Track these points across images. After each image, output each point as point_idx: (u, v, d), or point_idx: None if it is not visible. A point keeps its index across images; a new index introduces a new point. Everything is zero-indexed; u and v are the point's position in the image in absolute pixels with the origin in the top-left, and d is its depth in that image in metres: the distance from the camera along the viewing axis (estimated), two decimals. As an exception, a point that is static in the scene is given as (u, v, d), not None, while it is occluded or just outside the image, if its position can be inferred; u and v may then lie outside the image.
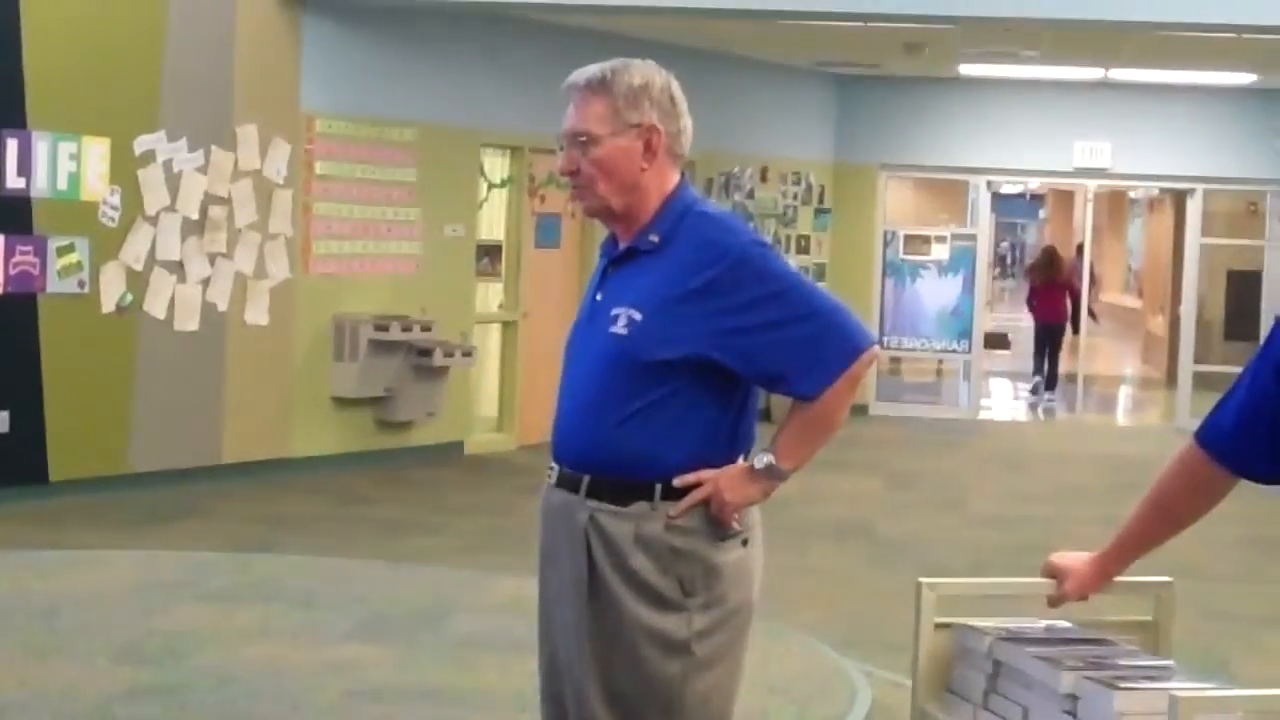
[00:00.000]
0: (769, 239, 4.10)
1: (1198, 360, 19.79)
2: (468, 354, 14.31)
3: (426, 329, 13.86)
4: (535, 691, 3.92)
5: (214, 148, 12.59)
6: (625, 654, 3.88)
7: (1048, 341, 22.31)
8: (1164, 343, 25.95)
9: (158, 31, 12.20)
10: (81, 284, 11.78)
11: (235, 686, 6.46)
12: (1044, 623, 4.14)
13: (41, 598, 7.88)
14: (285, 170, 13.14)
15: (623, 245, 4.04)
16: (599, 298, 4.04)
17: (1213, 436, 3.77)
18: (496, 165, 15.35)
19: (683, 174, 4.06)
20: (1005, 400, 23.26)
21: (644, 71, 3.99)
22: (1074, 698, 3.67)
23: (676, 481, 3.88)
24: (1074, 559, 4.16)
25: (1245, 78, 17.96)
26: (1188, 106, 19.14)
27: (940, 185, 23.83)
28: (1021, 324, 34.41)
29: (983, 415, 19.96)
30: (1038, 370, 22.34)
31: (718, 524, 3.91)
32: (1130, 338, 31.79)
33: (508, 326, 15.49)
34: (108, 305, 11.95)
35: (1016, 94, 19.26)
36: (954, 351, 19.90)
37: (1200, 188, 19.63)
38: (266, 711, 6.15)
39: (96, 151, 11.84)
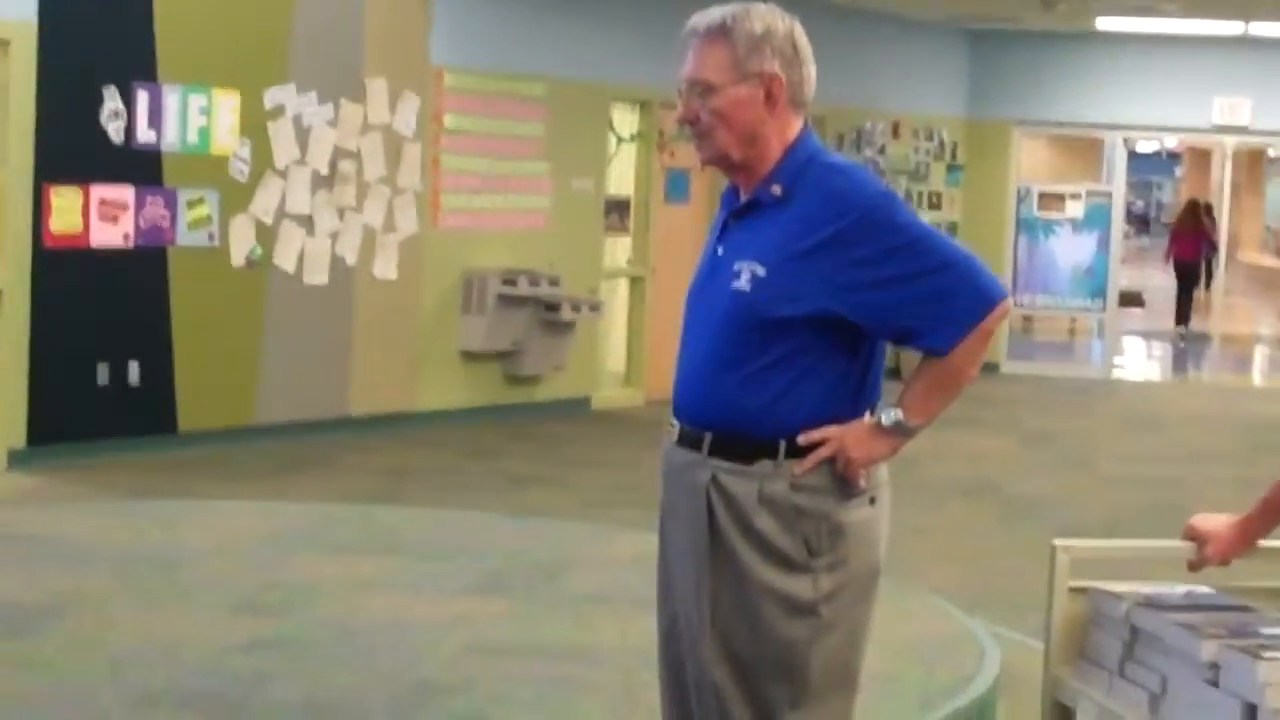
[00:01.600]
0: (897, 191, 3.93)
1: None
2: (595, 309, 14.26)
3: (554, 284, 13.82)
4: (654, 650, 3.84)
5: (343, 101, 12.60)
6: (748, 616, 3.78)
7: (1184, 278, 25.78)
8: (1304, 303, 25.52)
9: (287, -16, 12.22)
10: (211, 237, 11.82)
11: (355, 639, 6.42)
12: (1183, 588, 4.02)
13: (163, 548, 7.88)
14: (414, 124, 13.12)
15: (744, 197, 3.92)
16: (720, 251, 3.92)
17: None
18: (625, 120, 15.27)
19: (806, 123, 3.93)
20: (1140, 359, 22.96)
21: (765, 17, 3.87)
22: (1215, 666, 3.57)
23: (801, 439, 3.77)
24: (1216, 522, 4.04)
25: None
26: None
27: (1075, 142, 23.58)
28: (1155, 282, 34.07)
29: (1116, 374, 19.68)
30: (1180, 312, 25.50)
31: (844, 482, 3.80)
32: (1268, 297, 31.32)
33: (635, 282, 15.43)
34: (237, 258, 11.99)
35: (1154, 49, 18.93)
36: (1088, 310, 19.61)
37: (1343, 145, 19.21)
38: (385, 665, 6.10)
39: (227, 104, 11.87)
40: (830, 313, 3.74)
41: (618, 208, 15.17)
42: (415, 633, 6.52)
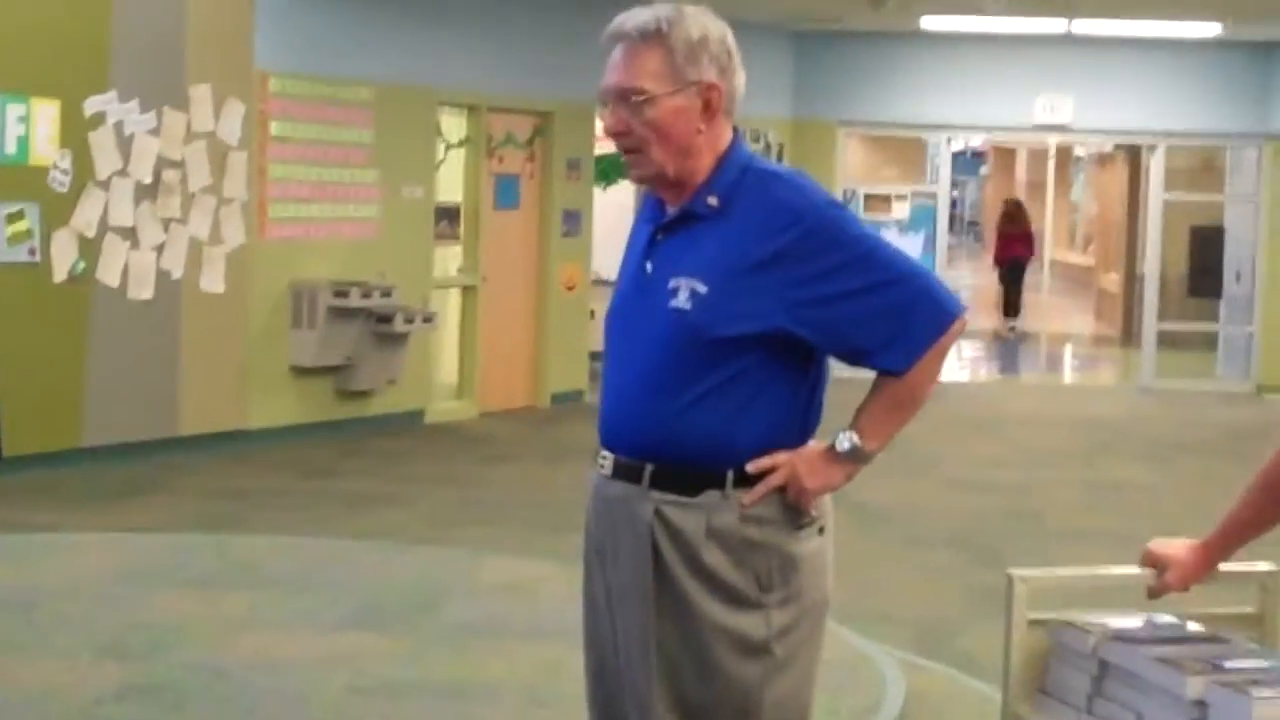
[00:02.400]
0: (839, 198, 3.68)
1: (1160, 318, 19.57)
2: (428, 319, 13.96)
3: (386, 294, 13.49)
4: (545, 684, 3.58)
5: (166, 109, 12.16)
6: (697, 658, 3.54)
7: (1013, 277, 26.84)
8: (1118, 300, 25.82)
9: (107, -12, 11.76)
10: (32, 252, 11.35)
11: (230, 682, 6.10)
12: (1141, 617, 3.83)
13: (13, 588, 7.48)
14: (240, 131, 12.72)
15: (673, 209, 3.65)
16: (649, 268, 3.64)
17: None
18: (454, 125, 14.95)
19: (735, 130, 3.69)
20: (967, 360, 23.08)
21: (700, 21, 3.61)
22: (1203, 705, 3.37)
23: (750, 467, 3.54)
24: (1175, 547, 3.87)
25: (1211, 29, 17.73)
26: (1150, 60, 18.93)
27: (896, 142, 23.62)
28: (969, 281, 34.46)
29: (945, 378, 19.69)
30: (1008, 305, 26.62)
31: (794, 511, 3.59)
32: (1080, 295, 31.66)
33: (467, 291, 15.12)
34: (60, 274, 11.53)
35: (977, 48, 18.98)
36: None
37: (1163, 142, 19.39)
38: (268, 710, 5.79)
39: (46, 114, 11.40)
40: (782, 331, 3.52)
41: (447, 215, 14.86)
42: (293, 673, 6.22)
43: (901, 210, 19.56)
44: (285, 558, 8.37)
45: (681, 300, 3.53)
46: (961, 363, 22.80)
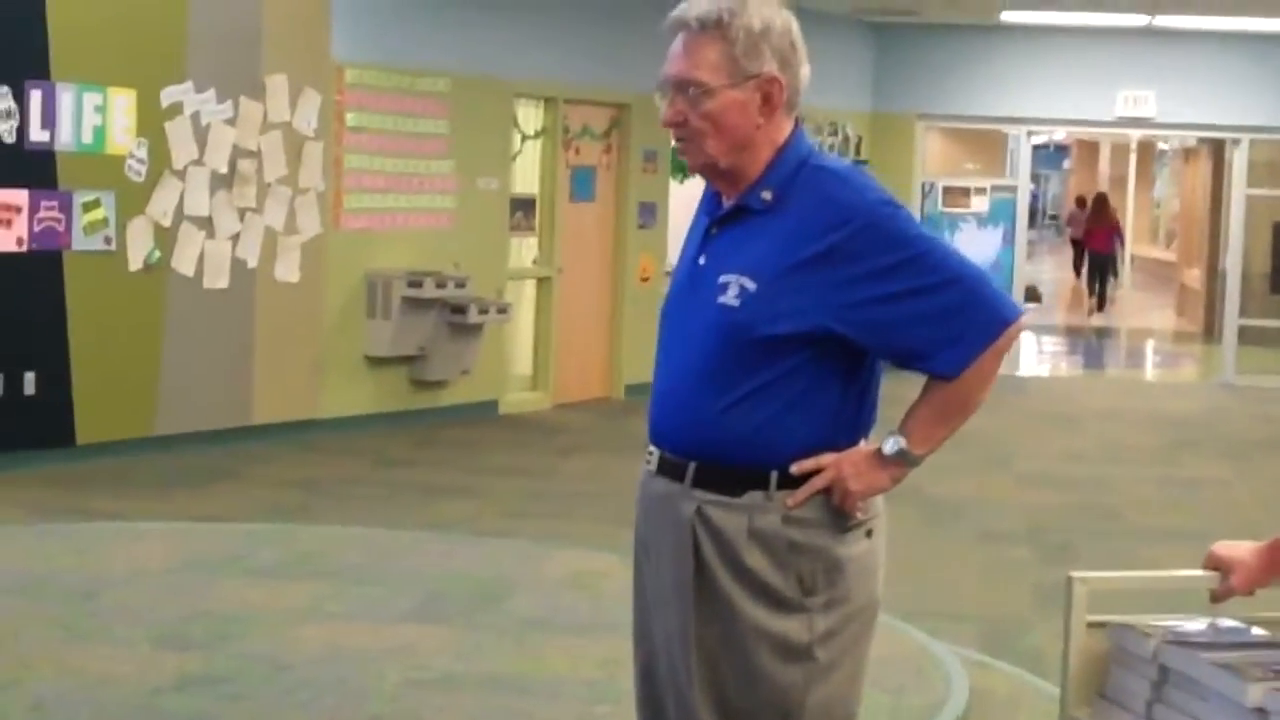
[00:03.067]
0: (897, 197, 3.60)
1: (1241, 314, 19.36)
2: (502, 311, 13.94)
3: (460, 285, 13.49)
4: (606, 681, 3.53)
5: (243, 99, 12.19)
6: (739, 661, 3.48)
7: (1099, 269, 28.69)
8: (1200, 296, 25.57)
9: (184, -22, 11.79)
10: (108, 240, 11.40)
11: (291, 674, 6.08)
12: (1205, 621, 3.75)
13: (78, 575, 7.49)
14: (315, 122, 12.74)
15: (728, 202, 3.59)
16: (702, 261, 3.58)
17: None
18: (530, 116, 14.94)
19: (797, 123, 3.61)
20: (1046, 354, 22.92)
21: (763, 12, 3.51)
22: (1264, 712, 3.29)
23: (794, 468, 3.47)
24: (1239, 549, 3.77)
25: (1294, 23, 17.53)
26: (1232, 54, 18.73)
27: (978, 135, 23.45)
28: (1049, 275, 34.25)
29: (1023, 371, 19.55)
30: (1092, 293, 28.55)
31: (840, 514, 3.51)
32: (1162, 290, 31.39)
33: (542, 282, 15.10)
34: (135, 262, 11.57)
35: (1058, 41, 18.83)
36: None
37: (1246, 137, 19.18)
38: (327, 702, 5.77)
39: (122, 103, 11.44)
40: (829, 331, 3.44)
41: (523, 207, 14.84)
42: (354, 665, 6.19)
43: (981, 204, 19.38)
44: (351, 548, 8.36)
45: (730, 297, 3.47)
46: (1041, 356, 22.66)
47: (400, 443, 12.74)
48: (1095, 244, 28.87)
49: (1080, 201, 34.50)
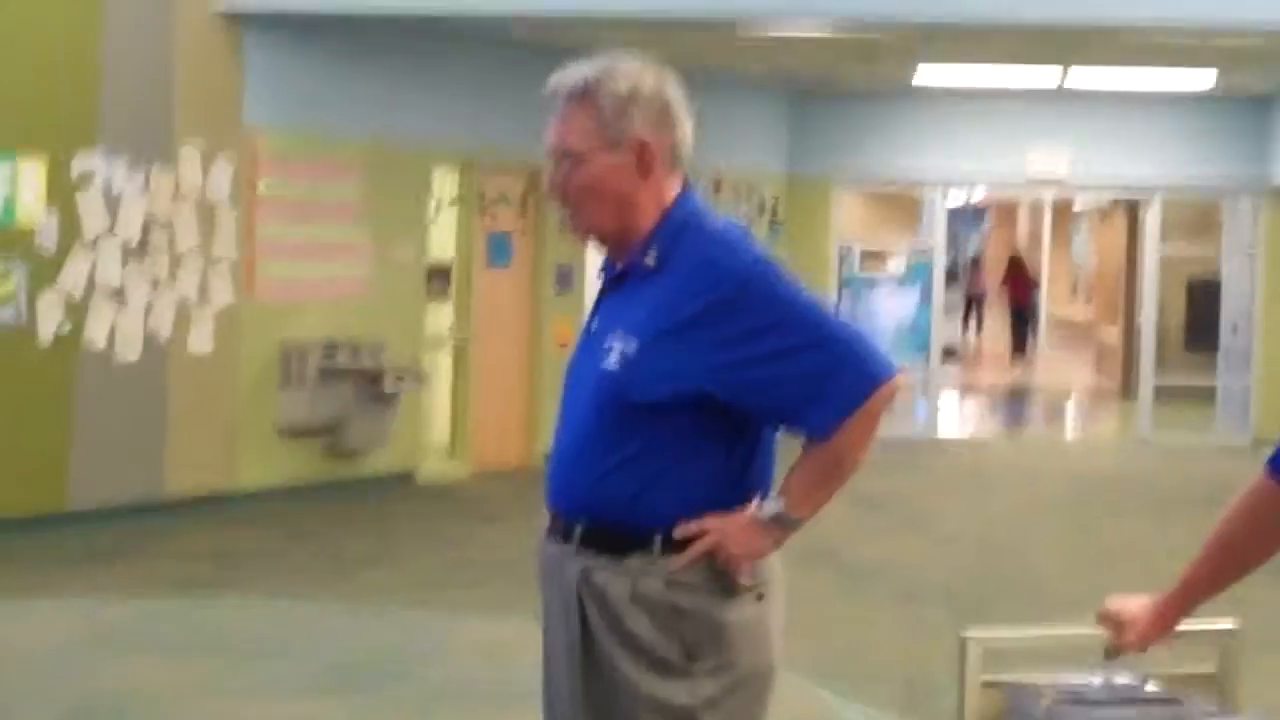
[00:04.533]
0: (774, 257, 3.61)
1: (1157, 371, 19.48)
2: (419, 379, 13.88)
3: (376, 354, 13.43)
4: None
5: (154, 167, 12.11)
6: None
7: (1019, 318, 32.52)
8: (1117, 354, 25.72)
9: (93, 47, 11.71)
10: (18, 314, 11.28)
11: (191, 749, 6.01)
12: (1100, 677, 3.75)
13: (-20, 653, 7.39)
14: (228, 190, 12.68)
15: (619, 266, 3.61)
16: (595, 326, 3.63)
17: (1286, 467, 3.39)
18: (446, 183, 14.91)
19: (686, 181, 3.63)
20: (963, 415, 23.01)
21: (631, 75, 3.55)
22: (1154, 769, 3.29)
23: (677, 532, 3.48)
24: (1133, 605, 3.77)
25: (1204, 80, 17.68)
26: (1146, 113, 18.88)
27: (894, 198, 23.61)
28: (964, 338, 34.51)
29: (941, 433, 19.58)
30: (1015, 339, 32.02)
31: (726, 578, 3.50)
32: (1081, 349, 31.56)
33: (459, 349, 15.05)
34: (45, 336, 11.46)
35: (971, 103, 18.94)
36: (911, 367, 19.42)
37: (1159, 196, 19.35)
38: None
39: (32, 171, 11.35)
40: (704, 393, 3.45)
41: (439, 273, 14.80)
42: (255, 739, 6.12)
43: (898, 265, 19.48)
44: (257, 621, 8.28)
45: (612, 361, 3.50)
46: (961, 417, 22.74)
47: (315, 514, 12.64)
48: (1015, 297, 32.47)
49: (975, 262, 37.60)
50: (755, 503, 3.57)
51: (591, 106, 3.51)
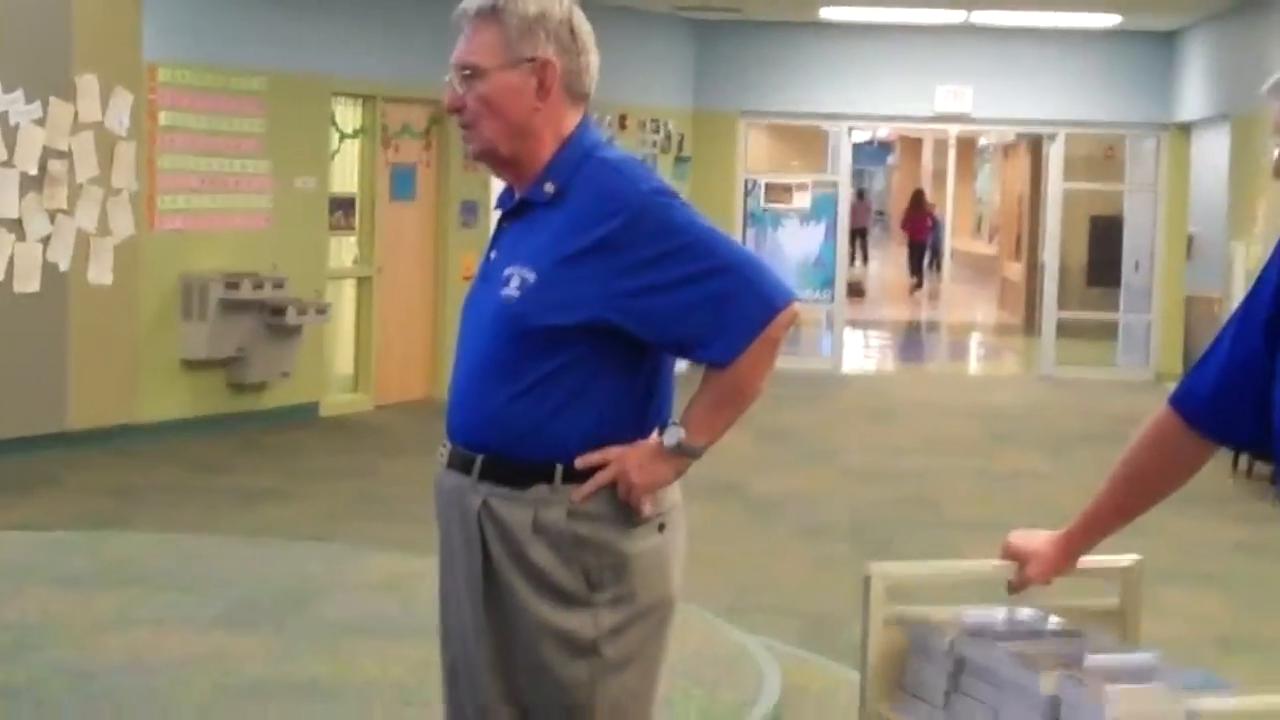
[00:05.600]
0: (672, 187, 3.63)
1: (1060, 307, 19.63)
2: (322, 311, 13.80)
3: (279, 286, 13.33)
4: (417, 684, 3.49)
5: (52, 99, 11.95)
6: (527, 656, 3.49)
7: (917, 252, 33.84)
8: (1021, 289, 25.92)
9: (-11, -24, 11.53)
10: (-87, 244, 11.13)
11: (95, 683, 5.95)
12: (1003, 611, 3.76)
13: (-124, 586, 7.31)
14: (128, 122, 12.52)
15: (518, 196, 3.61)
16: (493, 255, 3.64)
17: (1190, 401, 3.43)
18: (348, 115, 14.79)
19: (585, 115, 3.63)
20: (868, 349, 23.11)
21: (548, 1, 3.55)
22: (1056, 700, 3.30)
23: (579, 462, 3.48)
24: (1036, 539, 3.78)
25: (1109, 20, 17.79)
26: (1049, 50, 18.96)
27: (800, 132, 23.61)
28: (872, 271, 34.74)
29: (846, 368, 19.65)
30: (913, 272, 33.49)
31: (628, 509, 3.50)
32: (984, 284, 31.80)
33: (363, 282, 14.96)
34: (-58, 267, 11.32)
35: (878, 38, 18.96)
36: (817, 301, 19.48)
37: (1062, 131, 19.46)
38: (134, 712, 5.66)
39: (-74, 104, 11.18)
40: (607, 322, 3.46)
41: (342, 206, 14.70)
42: (161, 674, 6.08)
43: (803, 200, 19.49)
44: (162, 555, 8.22)
45: (511, 289, 3.50)
46: (866, 351, 22.84)
47: (218, 447, 12.56)
48: (913, 232, 33.71)
49: (860, 195, 37.76)
50: (656, 432, 3.57)
51: (498, 24, 3.52)
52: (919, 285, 33.14)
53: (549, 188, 3.54)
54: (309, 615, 7.07)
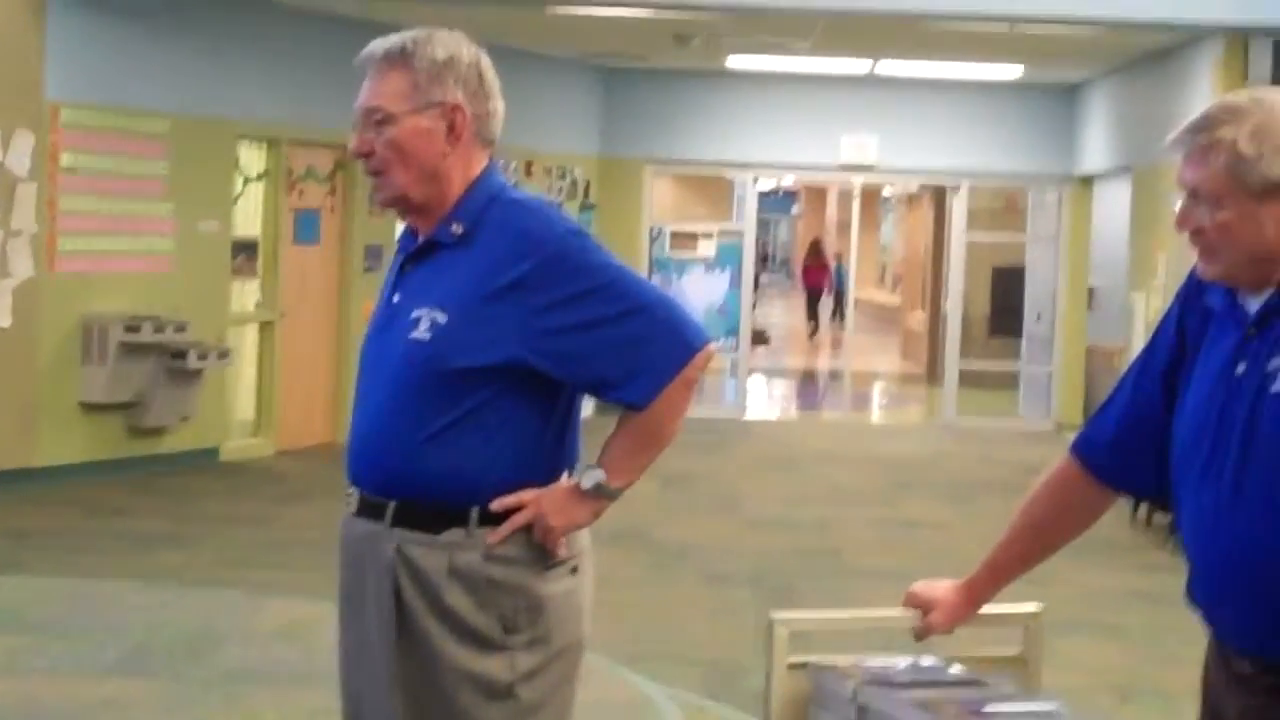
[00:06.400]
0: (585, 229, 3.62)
1: (962, 357, 19.74)
2: (223, 356, 13.69)
3: (180, 330, 13.21)
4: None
5: (-48, 139, 11.83)
6: (441, 703, 3.45)
7: (814, 299, 35.42)
8: (924, 339, 26.05)
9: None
10: None
11: (-15, 732, 5.86)
12: (906, 660, 3.76)
13: None
14: (29, 163, 12.39)
15: (422, 237, 3.58)
16: (396, 298, 3.58)
17: (1090, 449, 3.47)
18: (253, 158, 14.70)
19: (491, 159, 3.62)
20: (772, 397, 23.16)
21: (449, 44, 3.56)
22: (958, 749, 3.30)
23: (495, 505, 3.45)
24: (939, 588, 3.80)
25: (1012, 71, 17.95)
26: (953, 101, 19.11)
27: (706, 181, 23.67)
28: (778, 319, 34.88)
29: (750, 415, 19.68)
30: (810, 318, 35.40)
31: (543, 551, 3.49)
32: (887, 333, 31.95)
33: (265, 327, 14.86)
34: None
35: (784, 88, 19.06)
36: (721, 349, 19.47)
37: (965, 183, 19.60)
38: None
39: None
40: (520, 362, 3.44)
41: (245, 250, 14.60)
42: (53, 721, 5.98)
43: (708, 248, 19.55)
44: (57, 600, 8.11)
45: (421, 331, 3.47)
46: (769, 399, 22.89)
47: (116, 491, 12.42)
48: (811, 280, 35.70)
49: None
50: (567, 475, 3.56)
51: (407, 69, 3.51)
52: (815, 331, 34.45)
53: (456, 228, 3.52)
54: (207, 662, 6.98)
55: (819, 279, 35.59)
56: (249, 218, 14.72)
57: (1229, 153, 3.01)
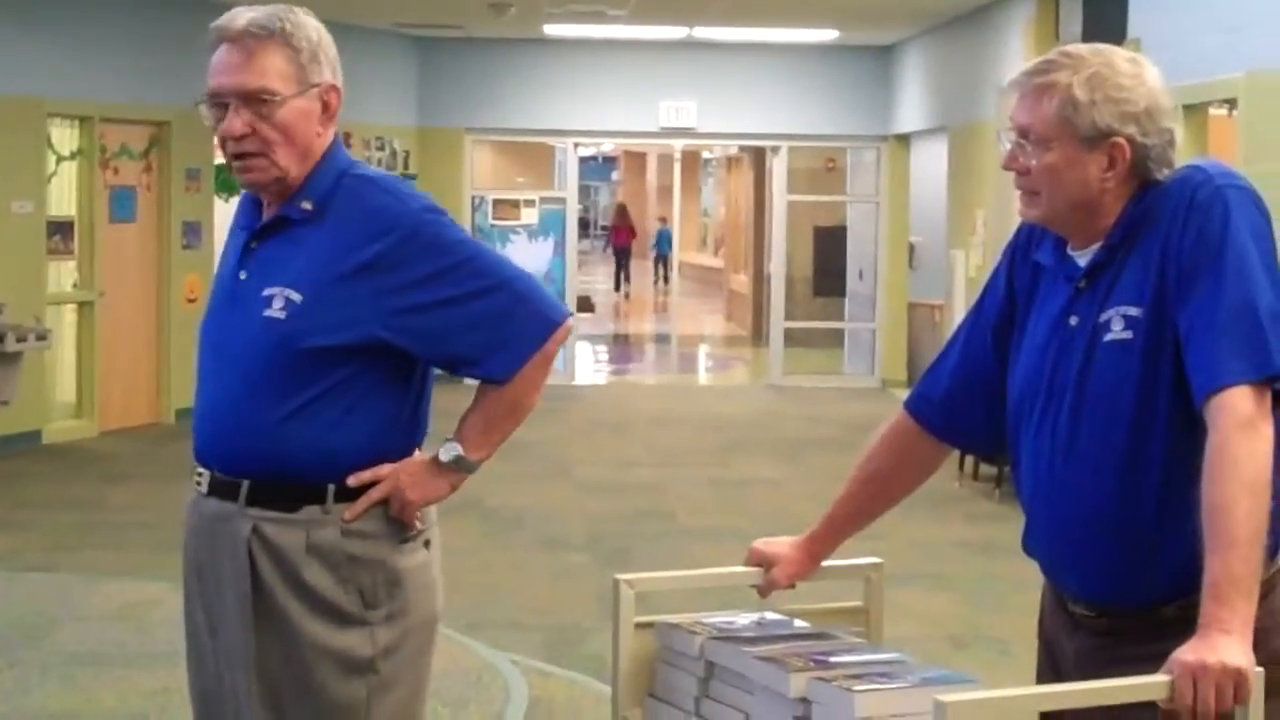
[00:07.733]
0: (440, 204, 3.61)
1: (787, 317, 19.90)
2: (42, 337, 13.45)
3: (-4, 313, 12.97)
4: (157, 712, 3.42)
5: None
6: (300, 680, 3.43)
7: (622, 258, 37.59)
8: (748, 300, 26.23)
9: None
10: None
11: None
12: (751, 615, 3.79)
13: None
14: None
15: (267, 214, 3.53)
16: (243, 276, 3.52)
17: (924, 405, 3.54)
18: (65, 137, 14.45)
19: (336, 134, 3.58)
20: (597, 362, 23.21)
21: (313, 23, 3.52)
22: (806, 702, 3.33)
23: (352, 480, 3.44)
24: (780, 544, 3.84)
25: (827, 34, 18.10)
26: (770, 65, 19.25)
27: (526, 148, 23.65)
28: (602, 285, 34.90)
29: (578, 379, 19.73)
30: (620, 275, 37.46)
31: (398, 525, 3.49)
32: (711, 296, 32.12)
33: (84, 307, 14.63)
34: None
35: (602, 54, 19.10)
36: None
37: (784, 145, 19.74)
38: None
39: None
40: (380, 340, 3.43)
41: (61, 229, 14.35)
42: (-119, 714, 5.88)
43: (531, 216, 19.54)
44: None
45: (276, 309, 3.43)
46: (595, 364, 22.94)
47: (-63, 479, 12.21)
48: (618, 240, 37.84)
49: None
50: (419, 448, 3.56)
51: (289, 48, 3.45)
52: (625, 291, 36.59)
53: (306, 205, 3.48)
54: (42, 647, 6.89)
55: (625, 239, 37.59)
56: (63, 197, 14.46)
57: (1063, 96, 3.07)
